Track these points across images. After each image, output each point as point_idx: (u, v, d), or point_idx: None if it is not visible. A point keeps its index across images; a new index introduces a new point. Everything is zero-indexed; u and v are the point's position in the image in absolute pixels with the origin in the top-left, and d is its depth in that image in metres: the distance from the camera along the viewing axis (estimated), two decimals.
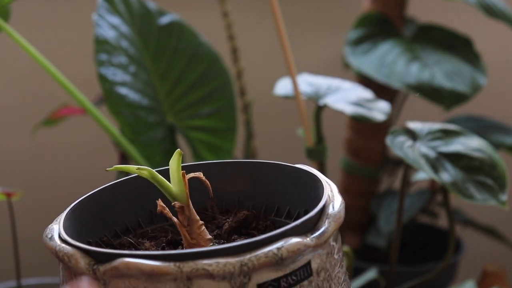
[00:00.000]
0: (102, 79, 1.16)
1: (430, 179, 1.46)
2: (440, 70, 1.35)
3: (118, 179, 0.76)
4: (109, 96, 1.16)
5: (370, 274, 1.28)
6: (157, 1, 1.32)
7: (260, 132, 1.48)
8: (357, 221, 1.55)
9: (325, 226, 0.66)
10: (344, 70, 1.57)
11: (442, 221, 1.62)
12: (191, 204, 0.67)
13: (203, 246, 0.67)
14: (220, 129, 1.27)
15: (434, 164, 0.99)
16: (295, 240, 0.62)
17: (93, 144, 1.68)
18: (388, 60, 1.36)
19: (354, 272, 1.23)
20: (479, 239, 1.69)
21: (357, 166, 1.53)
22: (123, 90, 1.18)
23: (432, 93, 1.32)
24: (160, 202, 0.66)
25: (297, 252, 0.62)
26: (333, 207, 0.68)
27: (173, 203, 0.67)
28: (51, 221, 0.73)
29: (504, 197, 0.98)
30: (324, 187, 0.70)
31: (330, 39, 1.73)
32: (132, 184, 0.74)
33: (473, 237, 1.67)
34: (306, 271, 0.63)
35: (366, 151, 1.52)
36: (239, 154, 1.48)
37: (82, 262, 0.62)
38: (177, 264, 0.59)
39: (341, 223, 0.68)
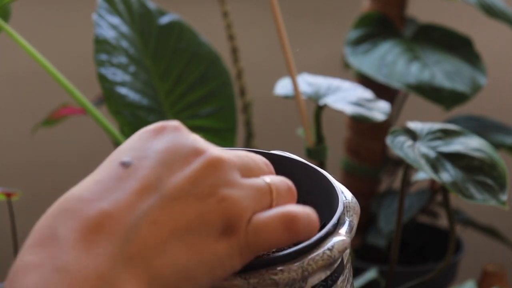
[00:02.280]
0: (102, 79, 1.16)
1: (430, 179, 1.46)
2: (440, 70, 1.35)
3: None
4: (109, 96, 1.16)
5: (370, 274, 1.28)
6: (157, 1, 1.32)
7: (260, 132, 1.48)
8: None
9: (349, 219, 0.66)
10: (344, 70, 1.57)
11: (442, 221, 1.62)
12: None
13: None
14: (220, 129, 1.27)
15: (434, 164, 0.99)
16: (339, 238, 0.63)
17: (93, 144, 1.68)
18: (388, 60, 1.36)
19: (354, 272, 1.23)
20: (479, 239, 1.69)
21: (357, 166, 1.53)
22: (123, 90, 1.18)
23: (432, 93, 1.32)
24: None
25: (343, 250, 0.62)
26: (346, 198, 0.68)
27: None
28: None
29: (504, 197, 0.98)
30: (328, 176, 0.70)
31: (330, 39, 1.73)
32: None
33: (473, 237, 1.67)
34: (341, 266, 0.64)
35: (366, 151, 1.52)
36: None
37: None
38: (243, 276, 0.58)
39: (359, 213, 0.68)
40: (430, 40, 1.42)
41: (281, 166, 0.75)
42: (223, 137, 1.28)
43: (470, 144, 1.02)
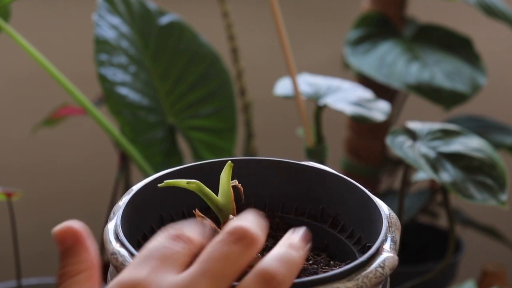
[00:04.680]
0: (102, 79, 1.16)
1: (430, 179, 1.46)
2: (440, 70, 1.35)
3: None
4: (109, 96, 1.16)
5: None
6: (157, 1, 1.32)
7: (260, 132, 1.48)
8: None
9: (392, 235, 0.66)
10: (344, 70, 1.57)
11: (442, 221, 1.62)
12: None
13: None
14: (220, 129, 1.27)
15: (434, 164, 0.99)
16: (389, 255, 0.63)
17: (93, 144, 1.68)
18: (388, 60, 1.36)
19: None
20: (479, 239, 1.69)
21: (357, 166, 1.53)
22: (123, 90, 1.18)
23: (432, 93, 1.32)
24: (197, 212, 0.65)
25: (393, 267, 0.63)
26: (385, 212, 0.68)
27: (225, 219, 0.66)
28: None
29: (504, 197, 0.98)
30: (366, 191, 0.71)
31: (330, 39, 1.73)
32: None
33: (473, 237, 1.67)
34: (386, 282, 0.64)
35: (366, 151, 1.52)
36: (239, 154, 1.48)
37: None
38: None
39: (400, 229, 0.68)
40: (430, 40, 1.42)
41: (318, 178, 0.75)
42: (223, 137, 1.28)
43: (470, 144, 1.02)
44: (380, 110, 1.11)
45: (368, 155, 1.52)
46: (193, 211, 0.66)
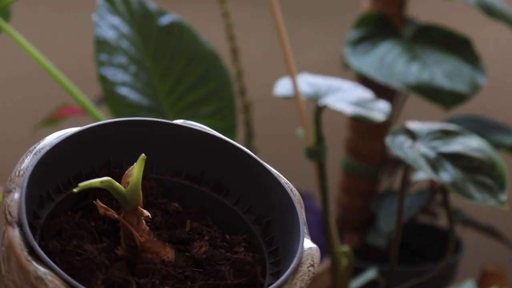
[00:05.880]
0: (102, 79, 1.16)
1: (430, 179, 1.46)
2: (440, 70, 1.35)
3: None
4: (109, 96, 1.16)
5: (370, 274, 1.28)
6: (157, 1, 1.32)
7: (260, 132, 1.48)
8: (357, 221, 1.55)
9: (304, 220, 0.66)
10: (344, 70, 1.57)
11: (442, 221, 1.62)
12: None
13: (150, 241, 0.66)
14: (220, 129, 1.27)
15: (434, 164, 0.99)
16: (312, 247, 0.64)
17: None
18: (388, 60, 1.36)
19: (354, 272, 1.23)
20: (479, 239, 1.69)
21: (357, 166, 1.53)
22: (124, 90, 1.18)
23: (432, 93, 1.32)
24: (99, 203, 0.64)
25: (319, 261, 0.63)
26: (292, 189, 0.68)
27: (138, 211, 0.65)
28: None
29: (503, 197, 0.98)
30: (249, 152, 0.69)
31: (330, 39, 1.73)
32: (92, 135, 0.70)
33: (473, 237, 1.67)
34: None
35: (366, 151, 1.52)
36: None
37: None
38: None
39: (302, 203, 0.67)
40: (430, 40, 1.42)
41: (199, 141, 0.71)
42: None
43: (470, 144, 1.02)
44: (380, 110, 1.12)
45: (368, 155, 1.52)
46: (94, 201, 0.65)
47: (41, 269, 0.58)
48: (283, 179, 0.68)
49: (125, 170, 0.66)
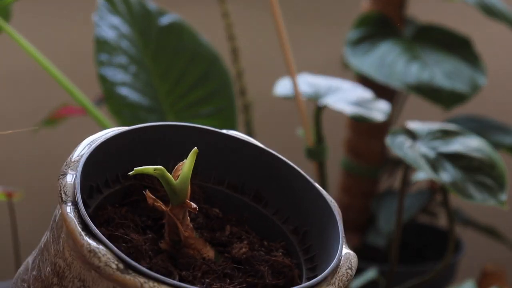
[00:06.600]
0: (102, 79, 1.16)
1: (430, 179, 1.46)
2: (440, 70, 1.35)
3: None
4: (109, 97, 1.16)
5: (370, 274, 1.28)
6: (157, 1, 1.32)
7: (260, 132, 1.48)
8: (357, 221, 1.55)
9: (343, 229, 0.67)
10: (344, 70, 1.57)
11: (442, 221, 1.62)
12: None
13: (193, 237, 0.67)
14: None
15: (434, 164, 0.99)
16: (351, 253, 0.66)
17: None
18: (388, 60, 1.36)
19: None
20: (479, 239, 1.69)
21: (357, 166, 1.53)
22: (124, 91, 1.18)
23: (431, 93, 1.32)
24: (148, 194, 0.66)
25: (356, 266, 0.65)
26: (333, 202, 0.69)
27: (184, 203, 0.66)
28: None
29: (503, 197, 0.98)
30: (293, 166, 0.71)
31: (330, 39, 1.73)
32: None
33: (473, 237, 1.67)
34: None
35: (366, 151, 1.52)
36: None
37: None
38: None
39: (340, 212, 0.68)
40: (430, 40, 1.42)
41: (242, 150, 0.73)
42: None
43: (470, 144, 1.02)
44: (380, 110, 1.12)
45: (368, 155, 1.52)
46: (144, 192, 0.66)
47: (94, 244, 0.60)
48: (323, 191, 0.70)
49: (171, 172, 0.67)
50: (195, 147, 0.66)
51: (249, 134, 1.39)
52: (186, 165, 0.66)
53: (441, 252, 1.48)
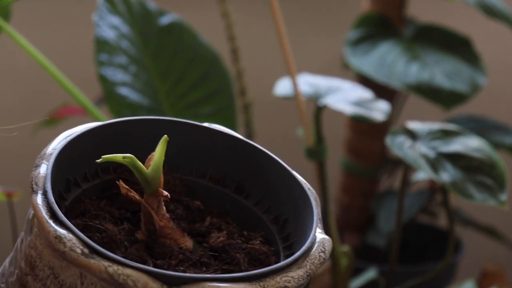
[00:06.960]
0: (103, 79, 1.16)
1: (430, 179, 1.46)
2: (440, 70, 1.35)
3: None
4: (109, 97, 1.16)
5: (370, 274, 1.28)
6: (157, 1, 1.32)
7: (260, 132, 1.48)
8: (357, 220, 1.55)
9: (319, 215, 0.67)
10: (344, 70, 1.57)
11: (442, 221, 1.62)
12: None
13: (169, 226, 0.67)
14: None
15: (434, 164, 0.99)
16: (325, 237, 0.65)
17: None
18: (388, 60, 1.36)
19: (354, 272, 1.23)
20: (479, 239, 1.69)
21: (357, 166, 1.53)
22: (124, 91, 1.18)
23: (432, 93, 1.32)
24: (122, 184, 0.66)
25: (331, 250, 0.64)
26: (309, 188, 0.69)
27: (158, 193, 0.67)
28: None
29: (503, 197, 0.98)
30: (274, 157, 0.71)
31: (330, 39, 1.73)
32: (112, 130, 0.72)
33: (473, 237, 1.67)
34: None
35: (366, 151, 1.52)
36: None
37: (154, 286, 0.59)
38: (260, 283, 0.60)
39: (319, 201, 0.68)
40: (430, 40, 1.42)
41: (226, 144, 0.73)
42: None
43: (470, 144, 1.02)
44: (380, 110, 1.12)
45: (368, 155, 1.53)
46: (117, 182, 0.66)
47: (61, 230, 0.61)
48: (301, 179, 0.70)
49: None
50: (165, 135, 0.66)
51: (249, 134, 1.39)
52: (157, 153, 0.66)
53: (441, 252, 1.48)
